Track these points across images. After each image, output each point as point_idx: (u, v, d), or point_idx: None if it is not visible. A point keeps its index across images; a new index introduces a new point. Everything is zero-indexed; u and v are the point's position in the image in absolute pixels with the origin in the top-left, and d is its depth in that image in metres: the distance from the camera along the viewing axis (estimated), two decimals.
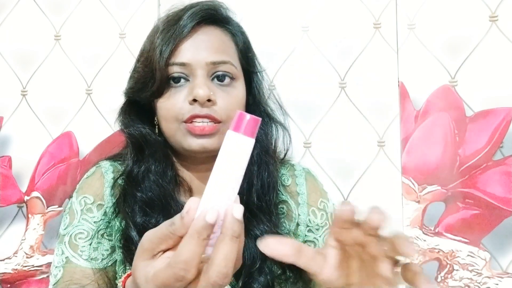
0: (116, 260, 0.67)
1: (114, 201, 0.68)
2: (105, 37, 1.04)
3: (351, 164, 0.96)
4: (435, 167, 0.92)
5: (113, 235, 0.67)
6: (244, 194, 0.67)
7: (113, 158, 0.74)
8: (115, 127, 0.73)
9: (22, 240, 1.03)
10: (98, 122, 1.03)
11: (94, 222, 0.67)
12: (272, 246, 0.39)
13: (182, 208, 0.68)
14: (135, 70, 0.70)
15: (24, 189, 1.04)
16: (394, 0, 0.96)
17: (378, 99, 0.95)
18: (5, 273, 1.03)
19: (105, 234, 0.67)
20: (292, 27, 0.99)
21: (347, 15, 0.97)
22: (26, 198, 1.04)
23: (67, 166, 1.03)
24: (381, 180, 0.94)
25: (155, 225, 0.62)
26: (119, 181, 0.69)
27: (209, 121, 0.63)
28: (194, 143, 0.64)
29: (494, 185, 0.90)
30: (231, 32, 0.70)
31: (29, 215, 1.03)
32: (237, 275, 0.63)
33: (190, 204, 0.37)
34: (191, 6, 0.67)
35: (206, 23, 0.67)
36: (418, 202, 0.93)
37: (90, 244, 0.66)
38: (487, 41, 0.92)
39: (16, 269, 1.03)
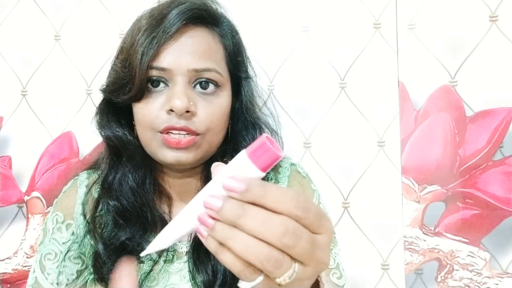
0: (87, 281, 0.63)
1: (84, 219, 0.64)
2: (105, 37, 1.04)
3: (351, 164, 0.96)
4: (435, 167, 0.92)
5: (86, 253, 0.63)
6: None
7: (92, 167, 0.70)
8: None
9: (22, 240, 1.03)
10: None
11: (63, 243, 0.64)
12: None
13: (159, 219, 0.66)
14: (113, 67, 0.65)
15: (24, 189, 1.04)
16: (394, 0, 0.96)
17: (378, 99, 0.95)
18: (5, 273, 1.03)
19: (72, 257, 0.63)
20: (292, 27, 0.99)
21: (347, 15, 0.97)
22: (26, 198, 1.04)
23: (67, 166, 1.03)
24: (381, 180, 0.94)
25: (127, 240, 0.60)
26: (93, 192, 0.65)
27: (186, 134, 0.58)
28: (168, 155, 0.59)
29: (494, 185, 0.90)
30: (220, 33, 0.64)
31: (29, 215, 1.03)
32: None
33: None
34: (179, 3, 0.61)
35: (193, 23, 0.61)
36: (418, 202, 0.93)
37: (57, 267, 0.63)
38: (487, 41, 0.92)
39: (16, 269, 1.03)
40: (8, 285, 1.03)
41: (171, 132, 0.58)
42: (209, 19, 0.63)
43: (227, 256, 0.33)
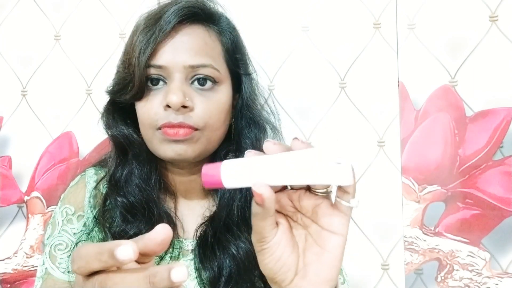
0: None
1: (94, 212, 0.65)
2: (105, 37, 1.04)
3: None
4: (435, 167, 0.92)
5: None
6: (225, 207, 0.64)
7: (99, 164, 0.72)
8: None
9: (22, 240, 1.03)
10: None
11: (74, 233, 0.65)
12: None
13: (165, 215, 0.67)
14: (117, 70, 0.67)
15: (24, 189, 1.04)
16: (394, 0, 0.96)
17: (378, 99, 0.95)
18: (5, 273, 1.03)
19: None
20: (292, 27, 0.99)
21: (347, 15, 0.97)
22: (26, 198, 1.04)
23: (67, 166, 1.03)
24: (381, 180, 0.94)
25: (134, 235, 0.61)
26: (101, 188, 0.66)
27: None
28: (168, 150, 0.61)
29: (494, 185, 0.90)
30: (218, 31, 0.65)
31: (29, 215, 1.03)
32: None
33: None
34: (175, 3, 0.63)
35: (189, 22, 0.62)
36: (418, 202, 0.93)
37: (68, 256, 0.63)
38: (487, 41, 0.92)
39: (16, 269, 1.03)
40: (8, 285, 1.03)
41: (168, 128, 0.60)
42: (205, 17, 0.64)
43: None
